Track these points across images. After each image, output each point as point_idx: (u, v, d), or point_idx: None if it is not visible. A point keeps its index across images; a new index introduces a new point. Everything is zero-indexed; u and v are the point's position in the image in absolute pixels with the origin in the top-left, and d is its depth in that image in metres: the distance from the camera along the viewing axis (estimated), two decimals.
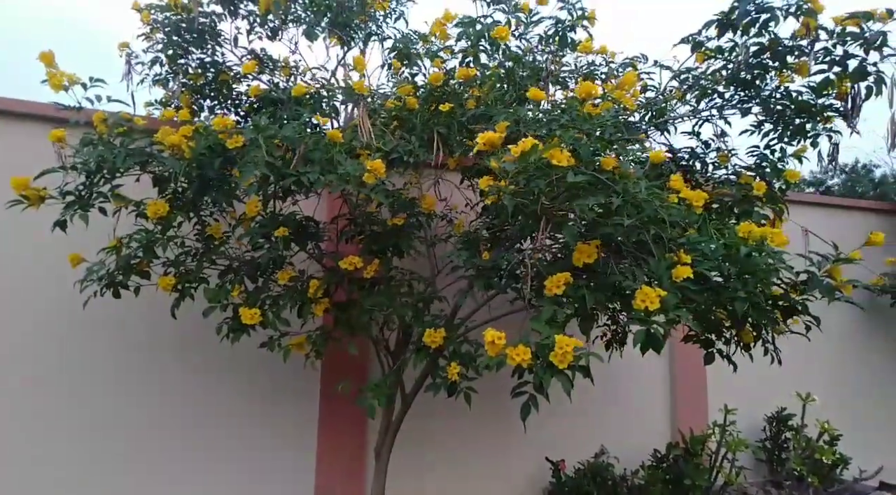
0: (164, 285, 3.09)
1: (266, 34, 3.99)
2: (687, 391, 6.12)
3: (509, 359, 2.19)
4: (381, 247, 3.23)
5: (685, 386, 6.12)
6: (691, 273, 2.27)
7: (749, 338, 3.16)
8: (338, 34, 4.38)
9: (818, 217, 6.70)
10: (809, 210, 6.81)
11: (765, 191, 3.05)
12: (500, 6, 3.49)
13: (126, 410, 4.03)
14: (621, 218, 2.24)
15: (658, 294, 2.18)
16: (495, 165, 2.13)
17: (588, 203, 2.19)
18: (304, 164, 2.62)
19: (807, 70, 2.95)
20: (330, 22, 4.34)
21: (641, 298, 2.19)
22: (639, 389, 5.93)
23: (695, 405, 6.14)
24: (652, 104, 3.73)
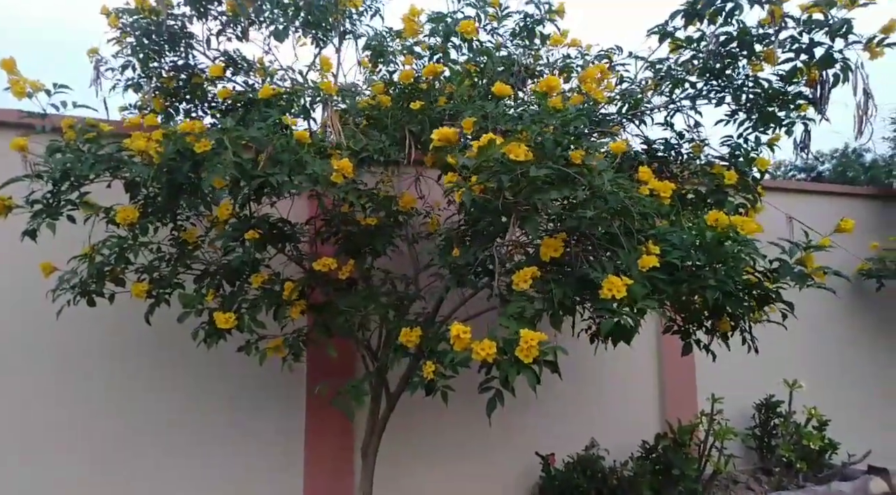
0: (137, 292, 3.08)
1: (236, 35, 3.96)
2: (675, 381, 6.14)
3: (474, 353, 2.19)
4: (356, 247, 3.22)
5: (673, 377, 6.14)
6: (657, 262, 2.27)
7: (726, 327, 3.17)
8: (311, 34, 4.36)
9: (804, 203, 6.71)
10: (796, 197, 6.83)
11: (736, 180, 3.05)
12: (469, 1, 3.48)
13: (108, 415, 4.01)
14: (585, 211, 2.23)
15: (624, 282, 2.18)
16: (452, 161, 2.12)
17: (550, 197, 2.18)
18: (272, 166, 2.60)
19: (774, 58, 2.95)
20: (303, 22, 4.32)
21: (608, 287, 2.19)
22: (627, 381, 5.94)
23: (683, 395, 6.16)
24: (627, 95, 3.73)
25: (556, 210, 2.32)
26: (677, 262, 2.38)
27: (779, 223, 6.37)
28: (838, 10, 2.70)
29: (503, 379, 2.19)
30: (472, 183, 2.09)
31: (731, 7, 2.78)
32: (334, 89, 3.18)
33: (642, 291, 2.28)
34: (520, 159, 2.02)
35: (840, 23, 2.66)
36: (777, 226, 6.38)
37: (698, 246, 2.48)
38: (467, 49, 3.52)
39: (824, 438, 5.63)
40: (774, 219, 6.24)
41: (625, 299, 2.17)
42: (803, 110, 3.39)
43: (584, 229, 2.32)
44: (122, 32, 4.14)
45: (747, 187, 3.28)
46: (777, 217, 6.24)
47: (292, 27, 4.33)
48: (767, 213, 5.83)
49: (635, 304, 2.24)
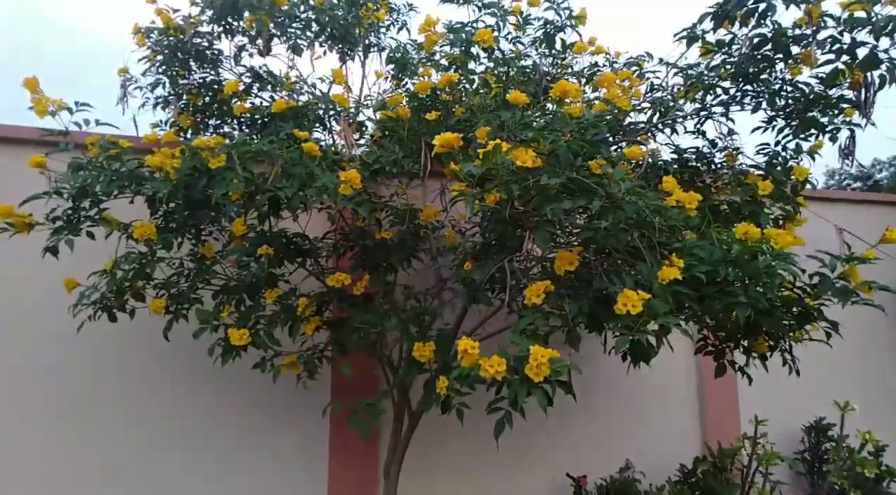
0: (155, 308, 3.07)
1: (258, 51, 3.98)
2: (716, 401, 5.85)
3: (482, 370, 2.07)
4: (373, 262, 3.15)
5: (714, 396, 5.85)
6: (679, 274, 2.12)
7: (763, 348, 2.97)
8: (337, 48, 4.36)
9: (857, 214, 6.37)
10: (848, 207, 6.49)
11: (770, 190, 2.86)
12: (489, 10, 3.40)
13: (126, 431, 4.03)
14: (601, 222, 2.11)
15: (642, 297, 2.04)
16: (455, 168, 2.03)
17: (562, 207, 2.06)
18: (283, 180, 2.56)
19: (813, 60, 2.76)
20: (328, 36, 4.32)
21: (623, 302, 2.05)
22: (666, 400, 5.69)
23: (725, 416, 5.86)
24: (658, 103, 3.57)
25: (572, 221, 2.19)
26: (702, 277, 2.21)
27: (828, 235, 6.10)
28: (882, 7, 2.51)
29: (512, 398, 2.07)
30: (479, 193, 1.98)
31: (763, 8, 2.62)
32: (347, 102, 3.14)
33: (663, 307, 2.13)
34: (527, 166, 1.91)
35: (885, 20, 2.47)
36: (826, 238, 6.08)
37: (728, 260, 2.31)
38: (487, 58, 3.43)
39: (881, 465, 5.25)
40: (824, 232, 5.97)
41: (642, 315, 2.03)
42: (848, 115, 3.18)
43: (601, 241, 2.18)
44: (151, 51, 4.22)
45: (785, 197, 3.08)
46: (826, 229, 5.97)
47: (317, 41, 4.34)
48: (816, 225, 5.56)
49: (655, 321, 2.10)
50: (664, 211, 2.34)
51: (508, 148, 1.94)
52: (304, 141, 2.71)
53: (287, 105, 3.13)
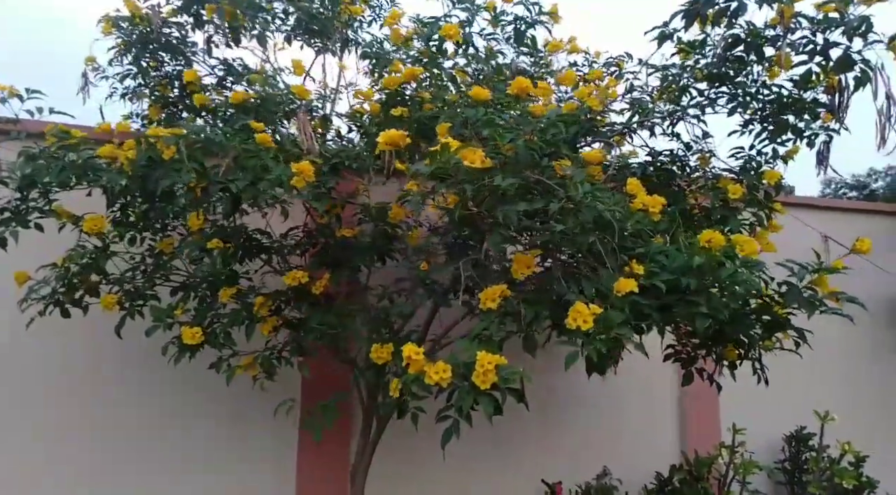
0: (106, 304, 2.97)
1: (225, 43, 3.87)
2: (697, 408, 5.77)
3: (427, 377, 1.98)
4: (334, 260, 3.05)
5: (695, 405, 5.77)
6: (635, 286, 2.03)
7: (732, 355, 2.89)
8: (314, 41, 4.26)
9: (845, 222, 6.30)
10: (836, 215, 6.42)
11: (740, 195, 2.78)
12: (462, 5, 3.30)
13: (99, 431, 3.94)
14: (556, 225, 2.02)
15: (593, 311, 1.95)
16: (402, 167, 1.94)
17: (517, 209, 1.97)
18: (238, 172, 2.46)
19: (788, 62, 2.68)
20: (304, 29, 4.22)
21: (574, 316, 1.96)
22: (645, 407, 5.62)
23: (706, 423, 5.78)
24: (637, 105, 3.49)
25: (530, 224, 2.10)
26: (661, 286, 2.13)
27: (816, 243, 6.03)
28: (855, 7, 2.42)
29: (458, 406, 1.98)
30: (428, 193, 1.89)
31: (735, 7, 2.53)
32: (307, 93, 3.04)
33: (619, 318, 2.04)
34: (475, 166, 1.82)
35: (858, 20, 2.39)
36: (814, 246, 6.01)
37: (691, 268, 2.22)
38: (462, 53, 3.34)
39: (861, 476, 5.19)
40: (810, 239, 5.90)
41: (592, 329, 1.94)
42: (826, 120, 3.10)
43: (560, 245, 2.09)
44: (122, 41, 4.09)
45: (757, 202, 3.00)
46: (813, 237, 5.90)
47: (294, 34, 4.24)
48: (802, 233, 5.50)
49: (609, 333, 2.01)
50: (626, 214, 2.26)
51: (457, 147, 1.85)
52: (261, 132, 2.61)
53: (245, 96, 3.03)
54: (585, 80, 3.35)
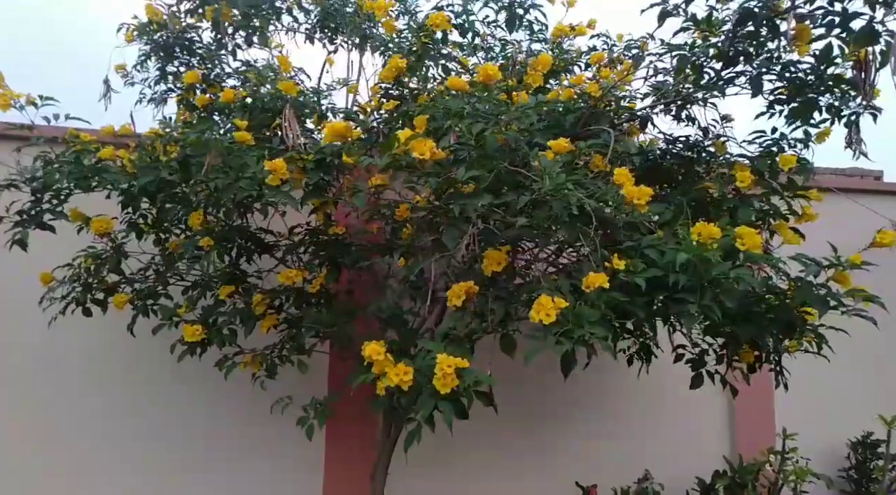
0: (118, 303, 3.07)
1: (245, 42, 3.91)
2: (749, 409, 5.39)
3: (388, 379, 1.92)
4: (330, 259, 3.03)
5: (747, 406, 5.39)
6: (605, 281, 1.89)
7: (749, 358, 2.67)
8: (329, 38, 4.26)
9: None
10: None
11: (748, 182, 2.54)
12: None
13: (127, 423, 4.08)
14: (524, 218, 1.90)
15: (557, 305, 1.82)
16: (349, 161, 1.88)
17: (480, 202, 1.87)
18: (217, 171, 2.48)
19: (807, 34, 2.42)
20: (321, 26, 4.23)
21: (537, 309, 1.84)
22: (693, 406, 5.29)
23: (759, 425, 5.40)
24: (660, 89, 3.28)
25: (497, 218, 1.99)
26: (641, 283, 1.96)
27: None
28: None
29: (419, 411, 1.90)
30: (379, 187, 1.82)
31: None
32: (295, 90, 3.02)
33: (592, 315, 1.91)
34: (425, 158, 1.74)
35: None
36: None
37: (683, 263, 2.04)
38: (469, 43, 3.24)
39: None
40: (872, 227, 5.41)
41: (556, 325, 1.81)
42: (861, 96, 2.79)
43: (532, 238, 1.97)
44: (152, 46, 4.21)
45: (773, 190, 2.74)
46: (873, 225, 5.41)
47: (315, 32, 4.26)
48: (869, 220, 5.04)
49: (580, 330, 1.87)
50: (608, 205, 2.11)
51: (409, 137, 1.77)
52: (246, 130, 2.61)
53: (235, 95, 3.06)
54: (587, 65, 3.17)
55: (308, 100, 3.12)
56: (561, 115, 2.63)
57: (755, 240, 2.15)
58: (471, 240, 2.25)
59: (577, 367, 1.98)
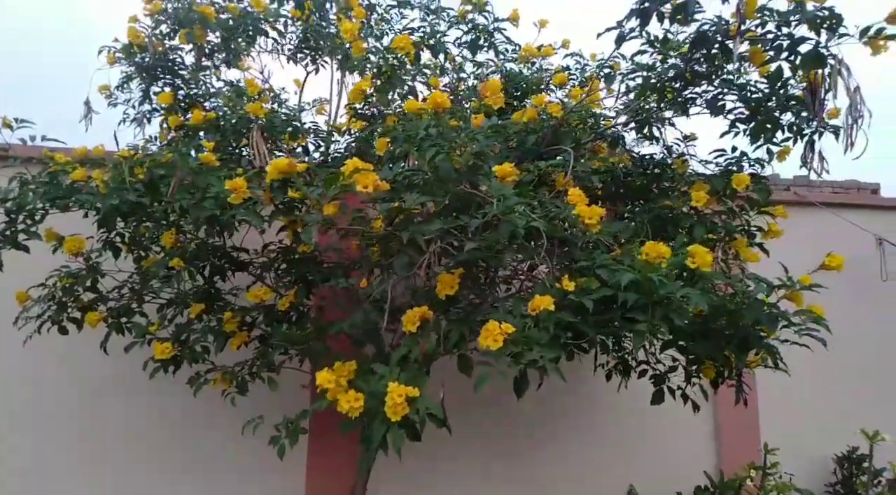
0: (91, 320, 3.11)
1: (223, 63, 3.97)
2: (733, 425, 5.41)
3: (339, 406, 1.95)
4: (300, 275, 3.07)
5: (731, 422, 5.41)
6: (551, 304, 1.92)
7: (710, 374, 2.70)
8: (310, 58, 4.33)
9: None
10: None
11: (704, 201, 2.58)
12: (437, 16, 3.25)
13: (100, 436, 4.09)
14: (470, 242, 1.94)
15: (504, 330, 1.86)
16: (296, 195, 1.92)
17: (431, 228, 1.91)
18: (183, 191, 2.53)
19: (761, 57, 2.48)
20: (304, 46, 4.31)
21: (485, 335, 1.88)
22: (676, 425, 5.31)
23: (744, 441, 5.42)
24: (630, 107, 3.33)
25: (453, 240, 2.04)
26: (588, 304, 2.00)
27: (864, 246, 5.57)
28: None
29: (369, 438, 1.93)
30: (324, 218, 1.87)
31: (687, 2, 2.36)
32: (262, 111, 3.08)
33: (541, 337, 1.94)
34: (369, 191, 1.79)
35: (821, 12, 2.17)
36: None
37: (632, 283, 2.08)
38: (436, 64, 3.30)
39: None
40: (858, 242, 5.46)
41: (503, 350, 1.85)
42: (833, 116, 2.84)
43: (481, 261, 2.02)
44: (135, 69, 4.27)
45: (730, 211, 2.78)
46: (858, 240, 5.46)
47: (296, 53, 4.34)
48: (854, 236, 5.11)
49: (529, 353, 1.91)
50: (563, 225, 2.16)
51: (353, 170, 1.82)
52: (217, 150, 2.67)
53: (205, 117, 3.11)
54: (554, 85, 3.22)
55: (278, 120, 3.17)
56: (516, 136, 2.68)
57: (706, 258, 2.19)
58: (433, 260, 2.30)
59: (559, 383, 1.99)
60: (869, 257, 5.68)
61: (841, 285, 5.62)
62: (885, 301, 5.63)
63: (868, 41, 2.27)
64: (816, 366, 5.39)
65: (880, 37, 2.22)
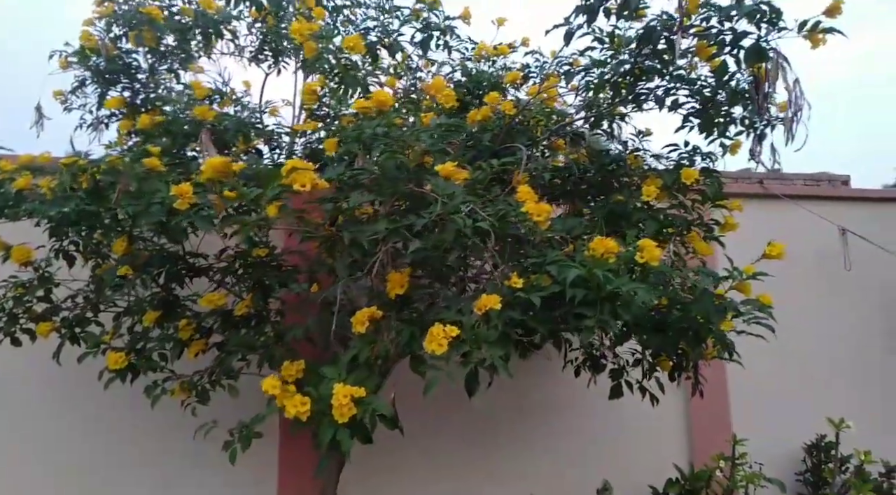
0: (42, 331, 3.05)
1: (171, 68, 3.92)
2: (705, 419, 5.46)
3: (286, 411, 1.93)
4: (256, 280, 3.03)
5: (703, 415, 5.46)
6: (497, 303, 1.92)
7: (666, 367, 2.73)
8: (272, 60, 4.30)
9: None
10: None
11: (654, 195, 2.60)
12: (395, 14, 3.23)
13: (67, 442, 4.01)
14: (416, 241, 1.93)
15: (449, 333, 1.85)
16: (231, 196, 1.90)
17: (375, 229, 1.89)
18: (130, 196, 2.48)
19: (707, 52, 2.50)
20: (259, 49, 4.27)
21: (429, 339, 1.87)
22: (649, 417, 5.34)
23: (715, 432, 5.47)
24: (591, 104, 3.35)
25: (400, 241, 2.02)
26: (535, 301, 2.00)
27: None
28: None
29: (319, 441, 1.91)
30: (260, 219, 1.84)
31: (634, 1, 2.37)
32: (211, 114, 3.05)
33: (489, 336, 1.93)
34: (305, 190, 1.77)
35: (757, 6, 2.19)
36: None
37: (579, 278, 2.08)
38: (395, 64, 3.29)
39: (883, 486, 4.82)
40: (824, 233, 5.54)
41: (452, 351, 1.84)
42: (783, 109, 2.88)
43: (428, 261, 2.00)
44: (92, 73, 4.18)
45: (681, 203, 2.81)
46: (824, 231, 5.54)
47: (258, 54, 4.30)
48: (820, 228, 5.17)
49: (478, 351, 1.90)
50: (512, 222, 2.15)
51: (290, 169, 1.80)
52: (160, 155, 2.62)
53: (152, 120, 3.07)
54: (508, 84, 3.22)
55: (231, 122, 3.13)
56: (470, 135, 2.68)
57: (654, 252, 2.21)
58: (388, 261, 2.28)
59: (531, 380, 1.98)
60: (836, 248, 5.77)
61: (810, 276, 5.79)
62: (852, 291, 5.72)
63: (807, 35, 2.30)
64: (787, 356, 5.50)
65: (817, 30, 2.25)
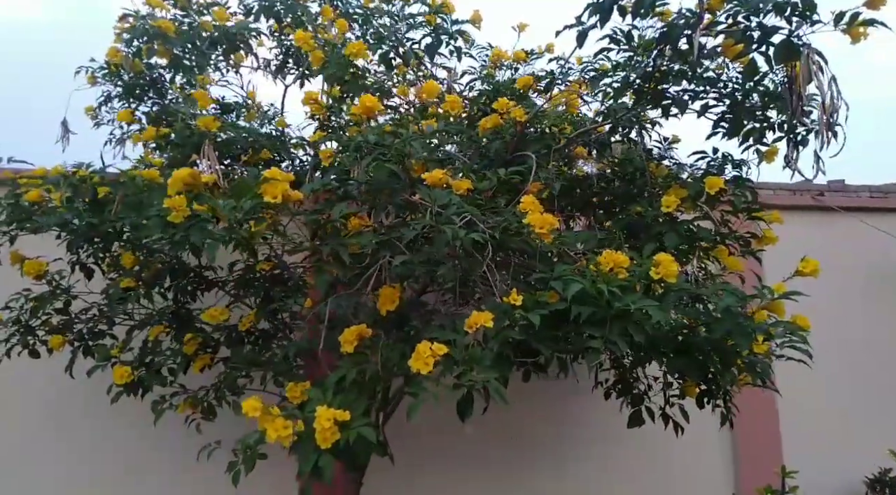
0: (55, 344, 3.05)
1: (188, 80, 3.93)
2: (754, 448, 5.10)
3: (268, 436, 1.82)
4: (260, 296, 2.96)
5: (751, 443, 5.10)
6: (490, 321, 1.76)
7: (692, 393, 2.50)
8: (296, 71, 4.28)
9: None
10: None
11: (674, 206, 2.39)
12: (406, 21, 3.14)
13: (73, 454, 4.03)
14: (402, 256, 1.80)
15: (436, 352, 1.71)
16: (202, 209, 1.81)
17: (354, 242, 1.78)
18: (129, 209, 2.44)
19: (734, 50, 2.30)
20: (283, 62, 4.25)
21: (415, 358, 1.73)
22: (690, 446, 5.02)
23: (765, 464, 5.07)
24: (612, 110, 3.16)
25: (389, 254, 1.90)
26: (534, 319, 1.84)
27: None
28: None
29: (301, 467, 1.79)
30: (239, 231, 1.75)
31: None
32: (215, 125, 3.00)
33: (484, 357, 1.78)
34: (277, 202, 1.66)
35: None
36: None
37: (582, 294, 1.91)
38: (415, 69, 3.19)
39: None
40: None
41: (444, 371, 1.70)
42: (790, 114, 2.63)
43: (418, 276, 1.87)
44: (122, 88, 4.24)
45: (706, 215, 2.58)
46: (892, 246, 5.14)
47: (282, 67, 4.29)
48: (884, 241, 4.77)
49: (471, 373, 1.75)
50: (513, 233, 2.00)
51: (263, 179, 1.71)
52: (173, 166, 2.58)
53: (157, 132, 3.05)
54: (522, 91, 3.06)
55: (239, 134, 3.09)
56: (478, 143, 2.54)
57: (671, 268, 2.01)
58: (383, 275, 2.17)
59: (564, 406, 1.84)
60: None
61: (872, 294, 5.34)
62: None
63: (846, 28, 2.08)
64: (846, 381, 5.08)
65: (856, 23, 2.02)
